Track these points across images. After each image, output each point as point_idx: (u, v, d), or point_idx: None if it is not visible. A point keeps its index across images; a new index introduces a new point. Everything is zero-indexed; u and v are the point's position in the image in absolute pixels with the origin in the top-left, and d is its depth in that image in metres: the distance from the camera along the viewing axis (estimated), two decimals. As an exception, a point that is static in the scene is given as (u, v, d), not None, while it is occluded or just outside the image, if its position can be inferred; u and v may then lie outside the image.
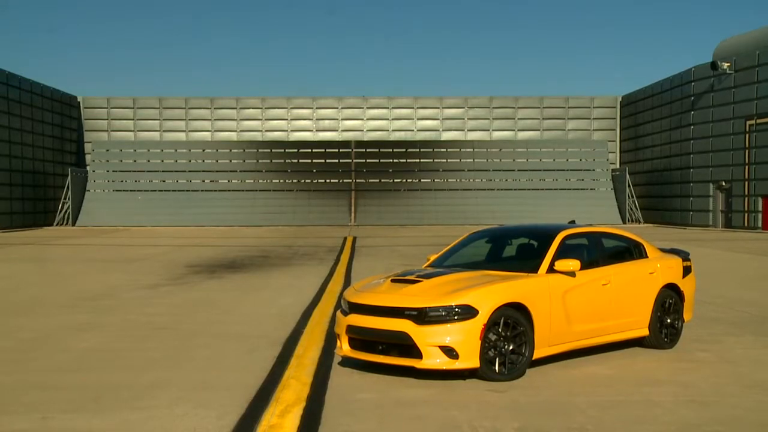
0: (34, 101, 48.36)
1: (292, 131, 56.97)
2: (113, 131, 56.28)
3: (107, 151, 54.63)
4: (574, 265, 8.15)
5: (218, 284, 16.27)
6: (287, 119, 57.01)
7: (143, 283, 16.40)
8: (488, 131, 56.88)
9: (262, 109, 56.89)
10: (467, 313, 7.39)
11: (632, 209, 51.06)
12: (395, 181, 54.43)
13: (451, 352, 7.33)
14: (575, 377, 7.74)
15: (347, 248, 27.60)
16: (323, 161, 55.04)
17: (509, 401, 6.82)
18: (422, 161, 54.74)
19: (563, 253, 8.44)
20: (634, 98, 54.13)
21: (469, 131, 56.92)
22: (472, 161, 54.77)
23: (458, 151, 55.15)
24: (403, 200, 53.28)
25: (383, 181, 54.39)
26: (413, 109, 57.11)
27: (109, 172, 54.31)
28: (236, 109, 56.77)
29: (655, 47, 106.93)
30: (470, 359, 7.36)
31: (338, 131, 56.96)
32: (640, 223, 50.27)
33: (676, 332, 9.30)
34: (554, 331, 7.96)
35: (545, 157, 54.69)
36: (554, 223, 10.08)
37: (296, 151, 55.33)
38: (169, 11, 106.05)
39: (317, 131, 56.92)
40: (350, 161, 54.97)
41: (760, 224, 39.64)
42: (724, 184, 42.74)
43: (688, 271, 9.67)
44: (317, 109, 57.01)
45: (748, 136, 40.96)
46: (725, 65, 41.68)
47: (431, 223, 49.77)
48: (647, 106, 51.47)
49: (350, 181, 54.23)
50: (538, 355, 7.82)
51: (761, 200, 39.76)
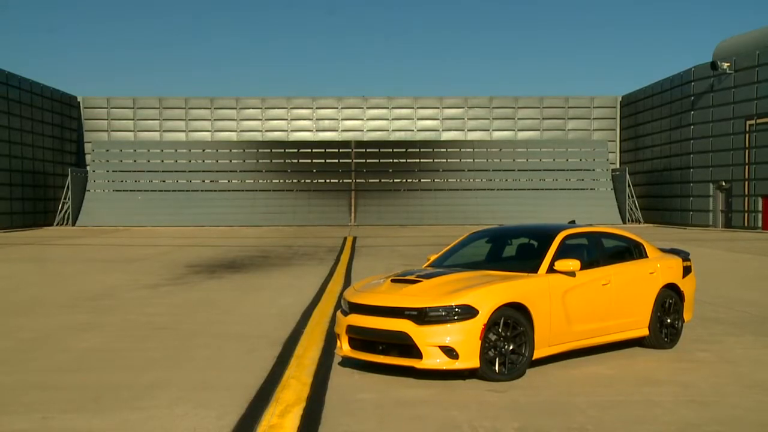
0: (34, 101, 48.34)
1: (292, 131, 56.94)
2: (113, 131, 56.25)
3: (107, 151, 54.61)
4: (574, 265, 8.15)
5: (218, 284, 16.26)
6: (287, 119, 56.98)
7: (143, 283, 16.40)
8: (488, 131, 56.85)
9: (262, 109, 56.87)
10: (467, 313, 7.39)
11: (632, 209, 51.03)
12: (395, 181, 54.40)
13: (451, 352, 7.33)
14: (575, 377, 7.74)
15: (347, 248, 27.59)
16: (323, 161, 55.02)
17: (509, 401, 6.82)
18: (422, 161, 54.71)
19: (563, 253, 8.44)
20: (634, 98, 54.11)
21: (469, 131, 56.89)
22: (472, 161, 54.73)
23: (458, 151, 55.12)
24: (403, 200, 53.25)
25: (383, 181, 54.36)
26: (413, 109, 57.07)
27: (109, 172, 54.29)
28: (236, 109, 56.74)
29: (655, 47, 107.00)
30: (470, 359, 7.36)
31: (338, 131, 56.93)
32: (640, 223, 50.24)
33: (676, 332, 9.30)
34: (554, 331, 7.96)
35: (545, 157, 54.65)
36: (554, 223, 10.08)
37: (296, 151, 55.30)
38: (169, 11, 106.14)
39: (317, 131, 56.88)
40: (350, 161, 54.95)
41: (760, 224, 39.63)
42: (724, 184, 42.73)
43: (688, 271, 9.68)
44: (317, 109, 56.98)
45: (748, 136, 40.96)
46: (725, 65, 41.68)
47: (431, 223, 49.74)
48: (647, 106, 51.45)
49: (350, 181, 54.21)
50: (538, 355, 7.82)
51: (761, 200, 39.75)
